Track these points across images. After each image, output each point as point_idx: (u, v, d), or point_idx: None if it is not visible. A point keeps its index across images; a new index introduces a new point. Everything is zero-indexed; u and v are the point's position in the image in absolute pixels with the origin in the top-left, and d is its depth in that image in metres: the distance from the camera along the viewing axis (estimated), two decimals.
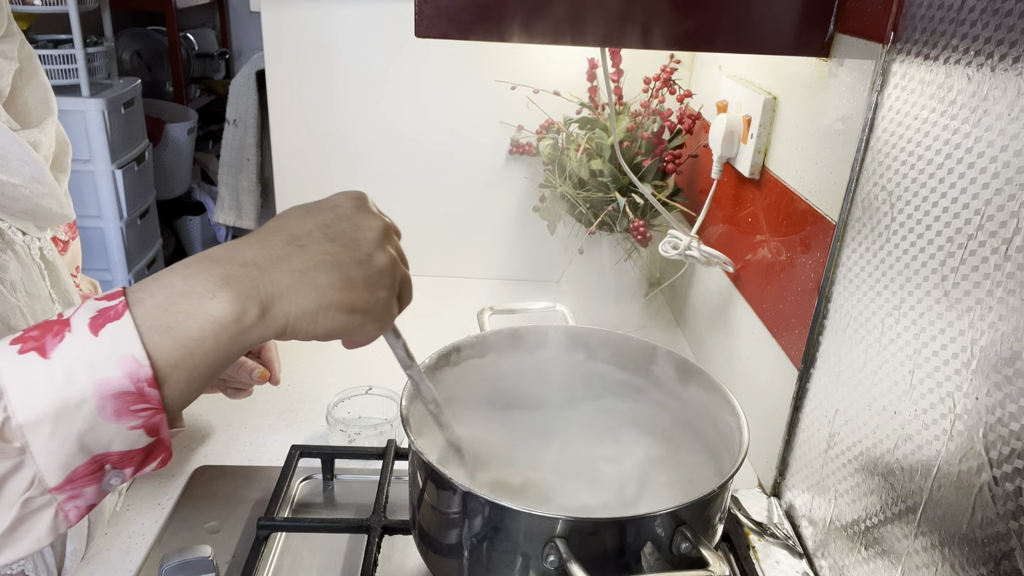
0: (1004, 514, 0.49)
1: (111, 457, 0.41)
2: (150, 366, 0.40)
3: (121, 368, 0.40)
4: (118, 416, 0.40)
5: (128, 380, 0.40)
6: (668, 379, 0.76)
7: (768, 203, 0.91)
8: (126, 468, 0.42)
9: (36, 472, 0.39)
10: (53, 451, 0.39)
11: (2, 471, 0.39)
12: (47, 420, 0.39)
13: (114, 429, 0.40)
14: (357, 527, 0.76)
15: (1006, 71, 0.51)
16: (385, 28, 1.29)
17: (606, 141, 1.17)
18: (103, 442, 0.40)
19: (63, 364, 0.39)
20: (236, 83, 2.32)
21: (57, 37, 2.61)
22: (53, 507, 0.41)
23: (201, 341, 0.42)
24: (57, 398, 0.39)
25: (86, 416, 0.39)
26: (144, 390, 0.40)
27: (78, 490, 0.41)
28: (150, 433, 0.42)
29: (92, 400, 0.39)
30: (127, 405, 0.40)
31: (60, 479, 0.40)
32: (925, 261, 0.59)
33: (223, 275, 0.43)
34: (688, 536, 0.57)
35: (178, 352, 0.41)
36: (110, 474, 0.42)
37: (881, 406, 0.65)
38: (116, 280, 2.79)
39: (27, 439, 0.39)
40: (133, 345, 0.40)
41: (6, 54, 0.63)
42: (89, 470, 0.41)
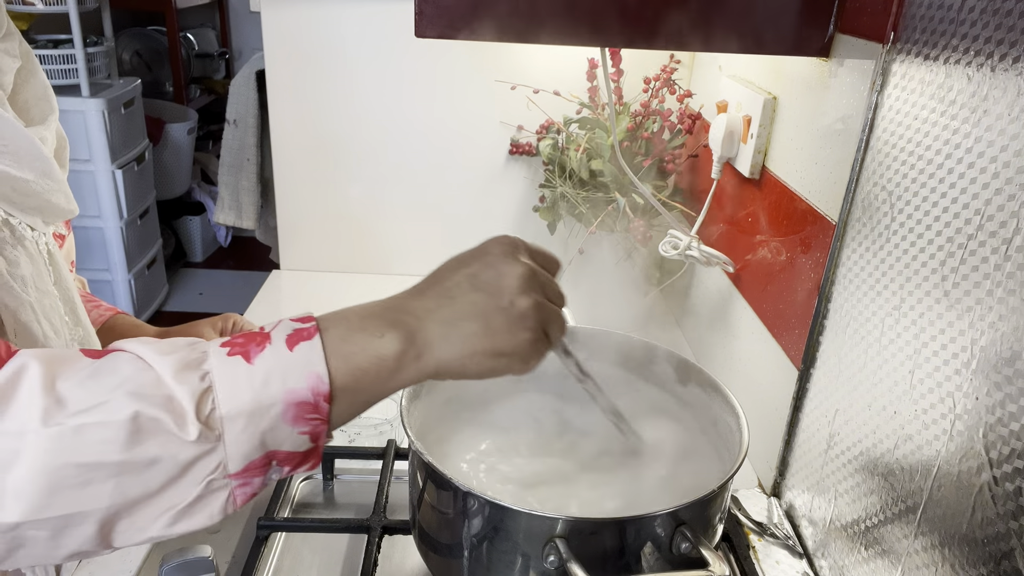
0: (1004, 514, 0.49)
1: (279, 455, 0.48)
2: (329, 384, 0.47)
3: (307, 381, 0.47)
4: (295, 421, 0.47)
5: (310, 393, 0.47)
6: (668, 379, 0.76)
7: (768, 203, 0.91)
8: (286, 466, 0.49)
9: (223, 458, 0.46)
10: (242, 442, 0.46)
11: (198, 452, 0.45)
12: (243, 415, 0.45)
13: (289, 431, 0.47)
14: (357, 527, 0.76)
15: (1006, 71, 0.51)
16: (385, 28, 1.29)
17: (606, 141, 1.17)
18: (278, 441, 0.47)
19: (263, 371, 0.46)
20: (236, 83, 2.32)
21: (57, 37, 2.61)
22: (228, 490, 0.47)
23: (367, 371, 0.49)
24: (254, 398, 0.46)
25: (272, 417, 0.46)
26: (320, 403, 0.47)
27: (249, 479, 0.47)
28: (313, 440, 0.49)
29: (280, 404, 0.46)
30: (304, 413, 0.47)
31: (239, 467, 0.46)
32: (925, 261, 0.59)
33: (392, 320, 0.50)
34: (688, 536, 0.57)
35: (348, 377, 0.48)
36: (274, 469, 0.49)
37: (881, 406, 0.65)
38: (116, 280, 2.79)
39: (224, 429, 0.45)
40: (319, 364, 0.47)
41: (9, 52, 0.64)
42: (262, 463, 0.47)
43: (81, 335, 0.69)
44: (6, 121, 0.59)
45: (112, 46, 2.81)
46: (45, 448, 0.42)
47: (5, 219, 0.60)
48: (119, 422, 0.43)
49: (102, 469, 0.43)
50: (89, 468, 0.43)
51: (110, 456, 0.43)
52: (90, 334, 0.71)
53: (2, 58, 0.63)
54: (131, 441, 0.43)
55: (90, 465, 0.43)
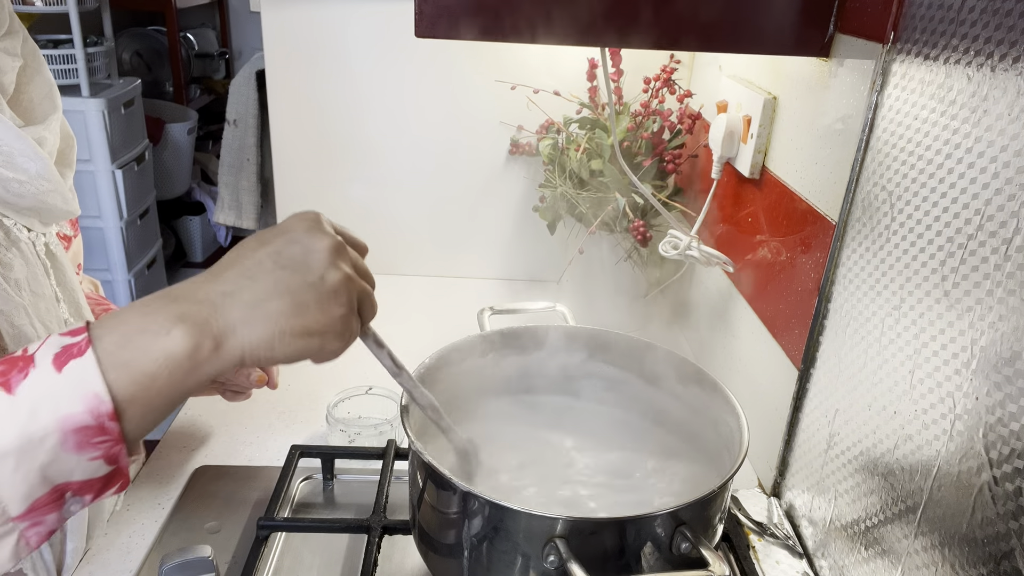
0: (1004, 514, 0.49)
1: (72, 486, 0.43)
2: (111, 401, 0.42)
3: (83, 404, 0.42)
4: (79, 448, 0.42)
5: (90, 415, 0.42)
6: (668, 379, 0.76)
7: (768, 203, 0.91)
8: (86, 495, 0.44)
9: (0, 504, 0.41)
10: (17, 483, 0.41)
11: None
12: (11, 454, 0.40)
13: (75, 460, 0.42)
14: (357, 527, 0.76)
15: (1006, 71, 0.51)
16: (385, 28, 1.29)
17: (606, 141, 1.17)
18: (64, 472, 0.42)
19: (28, 401, 0.41)
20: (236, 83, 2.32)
21: (57, 37, 2.61)
22: (16, 534, 0.42)
23: (156, 376, 0.43)
24: (21, 433, 0.40)
25: (49, 450, 0.41)
26: (105, 424, 0.42)
27: (39, 518, 0.43)
28: (109, 462, 0.44)
29: (55, 435, 0.41)
30: (88, 438, 0.42)
31: (23, 508, 0.42)
32: (925, 261, 0.59)
33: (178, 313, 0.44)
34: (688, 536, 0.57)
35: (134, 387, 0.43)
36: (70, 501, 0.44)
37: (881, 406, 0.65)
38: (116, 280, 2.79)
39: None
40: (95, 381, 0.42)
41: (9, 51, 0.64)
42: (50, 499, 0.43)
43: None
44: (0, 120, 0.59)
45: (112, 46, 2.81)
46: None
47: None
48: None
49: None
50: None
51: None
52: None
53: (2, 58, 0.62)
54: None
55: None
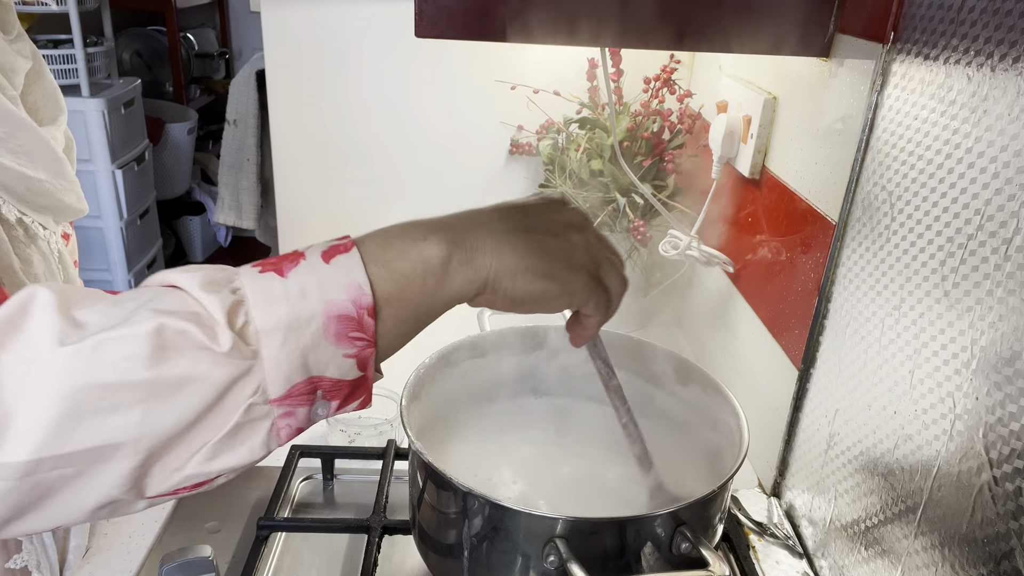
0: (1004, 514, 0.49)
1: (324, 383, 0.44)
2: (371, 294, 0.44)
3: (347, 293, 0.43)
4: (338, 340, 0.43)
5: (352, 305, 0.43)
6: (668, 379, 0.76)
7: (768, 203, 0.91)
8: (333, 400, 0.45)
9: (262, 380, 0.41)
10: (281, 361, 0.41)
11: (234, 372, 0.40)
12: (280, 329, 0.41)
13: (332, 352, 0.43)
14: (357, 527, 0.76)
15: (1006, 71, 0.51)
16: (385, 28, 1.29)
17: (606, 141, 1.17)
18: (321, 363, 0.43)
19: (298, 283, 0.42)
20: (236, 83, 2.32)
21: (57, 37, 2.61)
22: (270, 420, 0.42)
23: (411, 278, 0.45)
24: (291, 311, 0.42)
25: (313, 333, 0.42)
26: (363, 318, 0.43)
27: (293, 408, 0.43)
28: (360, 366, 0.44)
29: (320, 318, 0.42)
30: (347, 330, 0.43)
31: (282, 391, 0.42)
32: (925, 261, 0.59)
33: (435, 224, 0.47)
34: (688, 536, 0.57)
35: (392, 285, 0.44)
36: (319, 402, 0.44)
37: (881, 406, 0.65)
38: (116, 280, 2.79)
39: (261, 344, 0.41)
40: (358, 274, 0.43)
41: (22, 53, 0.65)
42: (306, 389, 0.43)
43: None
44: (21, 120, 0.60)
45: (112, 46, 2.81)
46: (61, 369, 0.37)
47: (19, 218, 0.61)
48: (142, 335, 0.39)
49: (128, 391, 0.38)
50: (112, 389, 0.38)
51: (135, 374, 0.38)
52: None
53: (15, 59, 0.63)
54: (157, 356, 0.39)
55: (113, 386, 0.38)
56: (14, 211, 0.60)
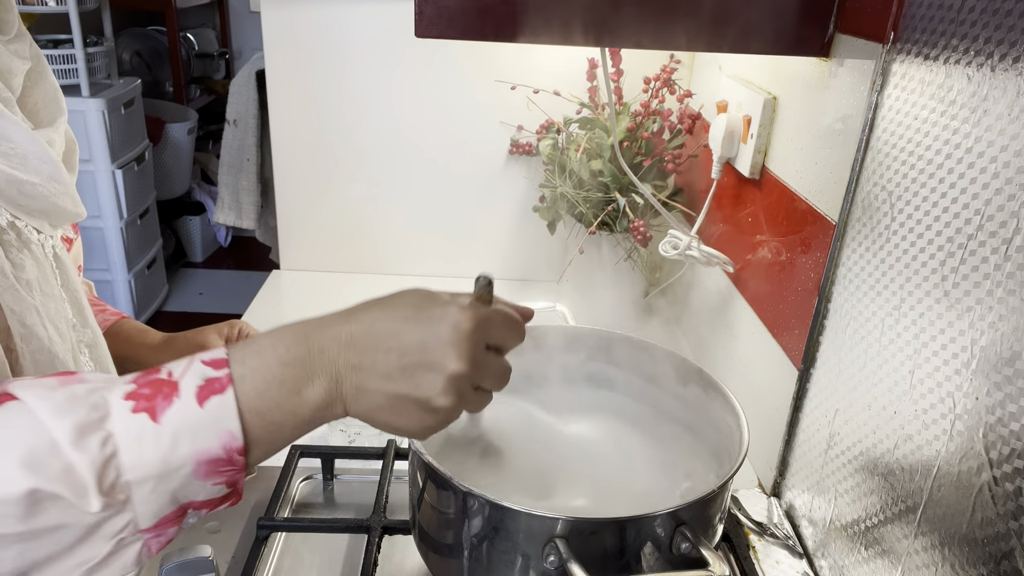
0: (1004, 514, 0.49)
1: (194, 504, 0.48)
2: (243, 440, 0.47)
3: (219, 440, 0.46)
4: (207, 476, 0.46)
5: (223, 450, 0.46)
6: (668, 379, 0.76)
7: (768, 203, 0.91)
8: (204, 509, 0.49)
9: (133, 517, 0.45)
10: (150, 503, 0.45)
11: (104, 517, 0.44)
12: (151, 479, 0.44)
13: (202, 485, 0.47)
14: (357, 527, 0.76)
15: (1006, 71, 0.51)
16: (385, 28, 1.29)
17: (606, 141, 1.17)
18: (190, 494, 0.47)
19: (170, 430, 0.45)
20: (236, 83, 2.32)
21: (57, 37, 2.61)
22: (140, 543, 0.46)
23: (283, 426, 0.49)
24: (162, 461, 0.44)
25: (182, 477, 0.45)
26: (233, 457, 0.47)
27: (163, 530, 0.47)
28: (229, 485, 0.48)
29: (190, 465, 0.45)
30: (217, 468, 0.46)
31: (151, 523, 0.46)
32: (925, 261, 0.59)
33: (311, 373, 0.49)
34: (688, 536, 0.57)
35: (264, 432, 0.48)
36: (190, 515, 0.48)
37: (881, 406, 0.65)
38: (116, 280, 2.79)
39: (131, 493, 0.44)
40: (232, 422, 0.46)
41: (20, 54, 0.64)
42: (175, 515, 0.47)
43: (90, 337, 0.69)
44: (13, 123, 0.59)
45: (112, 46, 2.81)
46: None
47: (11, 222, 0.60)
48: (15, 499, 0.42)
49: (4, 540, 0.42)
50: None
51: (10, 528, 0.42)
52: (98, 336, 0.71)
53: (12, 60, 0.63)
54: (30, 514, 0.42)
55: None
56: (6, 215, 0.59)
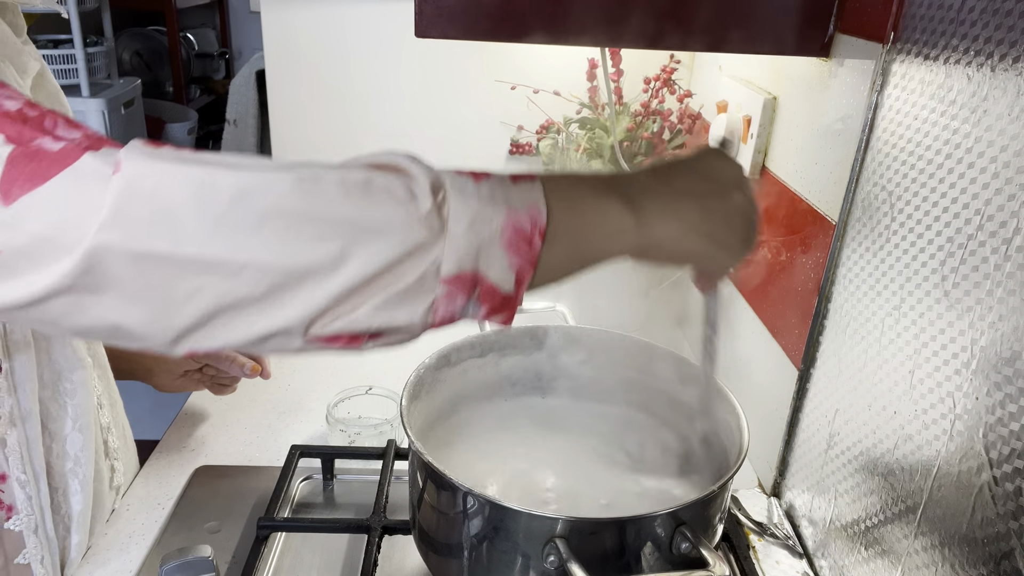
0: (1004, 514, 0.49)
1: (484, 283, 0.46)
2: (546, 218, 0.46)
3: (527, 210, 0.46)
4: (508, 247, 0.45)
5: (529, 220, 0.46)
6: (668, 379, 0.76)
7: (768, 203, 0.91)
8: (484, 304, 0.47)
9: (440, 254, 0.44)
10: (460, 245, 0.44)
11: (422, 238, 0.43)
12: (467, 217, 0.44)
13: (500, 256, 0.45)
14: (357, 527, 0.76)
15: (1006, 71, 0.51)
16: (385, 28, 1.29)
17: (606, 141, 1.17)
18: (489, 262, 0.45)
19: (488, 187, 0.45)
20: (236, 83, 2.32)
21: (57, 37, 2.61)
22: (433, 295, 0.45)
23: (588, 224, 0.48)
24: (479, 207, 0.44)
25: (492, 231, 0.45)
26: (534, 238, 0.46)
27: (454, 293, 0.45)
28: (516, 282, 0.47)
29: (501, 219, 0.45)
30: (519, 240, 0.46)
31: (452, 272, 0.44)
32: (925, 261, 0.59)
33: (614, 182, 0.50)
34: (688, 536, 0.57)
35: (569, 218, 0.47)
36: (473, 302, 0.46)
37: (881, 406, 0.65)
38: None
39: (450, 223, 0.44)
40: (539, 197, 0.46)
41: (32, 54, 0.65)
42: (469, 280, 0.45)
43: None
44: None
45: (112, 46, 2.81)
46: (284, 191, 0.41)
47: None
48: (354, 178, 0.43)
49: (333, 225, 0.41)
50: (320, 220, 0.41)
51: (343, 210, 0.42)
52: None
53: (27, 60, 0.63)
54: (364, 195, 0.42)
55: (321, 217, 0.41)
56: None
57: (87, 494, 0.71)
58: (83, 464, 0.70)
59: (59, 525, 0.70)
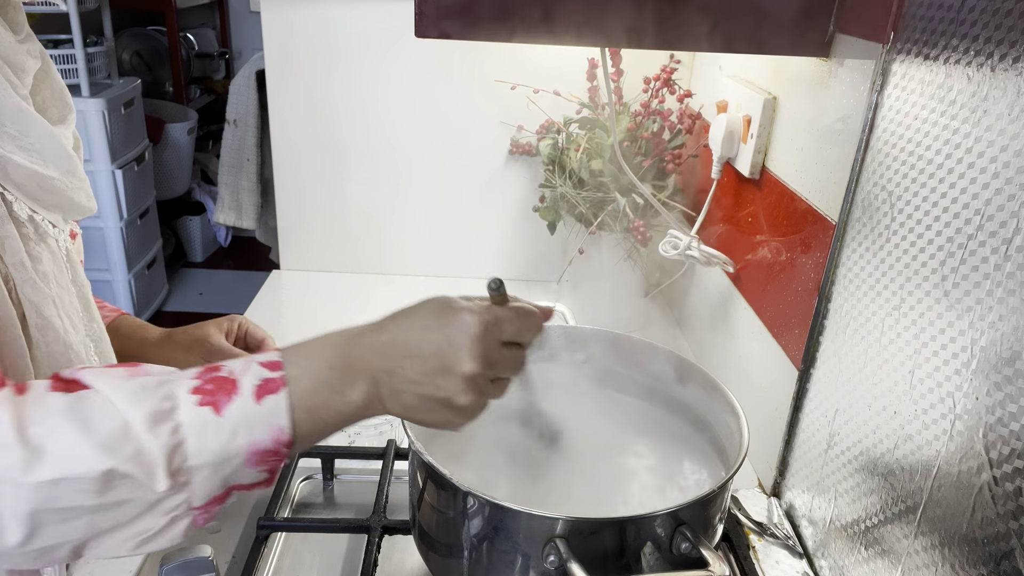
0: (1004, 514, 0.49)
1: (240, 487, 0.53)
2: (291, 435, 0.52)
3: (271, 435, 0.51)
4: (256, 464, 0.52)
5: (272, 443, 0.51)
6: (668, 379, 0.76)
7: (768, 203, 0.91)
8: (244, 492, 0.54)
9: (189, 497, 0.50)
10: (206, 486, 0.51)
11: (166, 495, 0.49)
12: (209, 465, 0.50)
13: (250, 472, 0.52)
14: (357, 527, 0.76)
15: (1006, 71, 0.51)
16: (385, 28, 1.29)
17: (606, 141, 1.17)
18: (239, 479, 0.52)
19: (231, 424, 0.50)
20: (236, 83, 2.32)
21: (57, 37, 2.61)
22: (190, 518, 0.51)
23: (327, 422, 0.54)
24: (222, 451, 0.50)
25: (235, 465, 0.51)
26: (280, 449, 0.52)
27: (210, 509, 0.52)
28: (271, 472, 0.54)
29: (243, 455, 0.51)
30: (265, 458, 0.52)
31: (203, 502, 0.51)
32: (925, 261, 0.59)
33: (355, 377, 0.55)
34: (688, 536, 0.57)
35: (311, 427, 0.53)
36: (233, 496, 0.54)
37: (881, 406, 0.65)
38: (116, 280, 2.79)
39: (192, 477, 0.50)
40: (283, 419, 0.52)
41: (31, 52, 0.65)
42: (223, 496, 0.52)
43: (96, 331, 0.70)
44: (33, 119, 0.60)
45: (112, 46, 2.81)
46: (27, 497, 0.46)
47: (31, 216, 0.61)
48: (93, 476, 0.47)
49: (78, 511, 0.48)
50: (67, 512, 0.48)
51: (86, 502, 0.48)
52: (103, 331, 0.72)
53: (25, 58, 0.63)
54: (104, 490, 0.48)
55: (68, 509, 0.48)
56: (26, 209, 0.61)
57: None
58: None
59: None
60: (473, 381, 0.55)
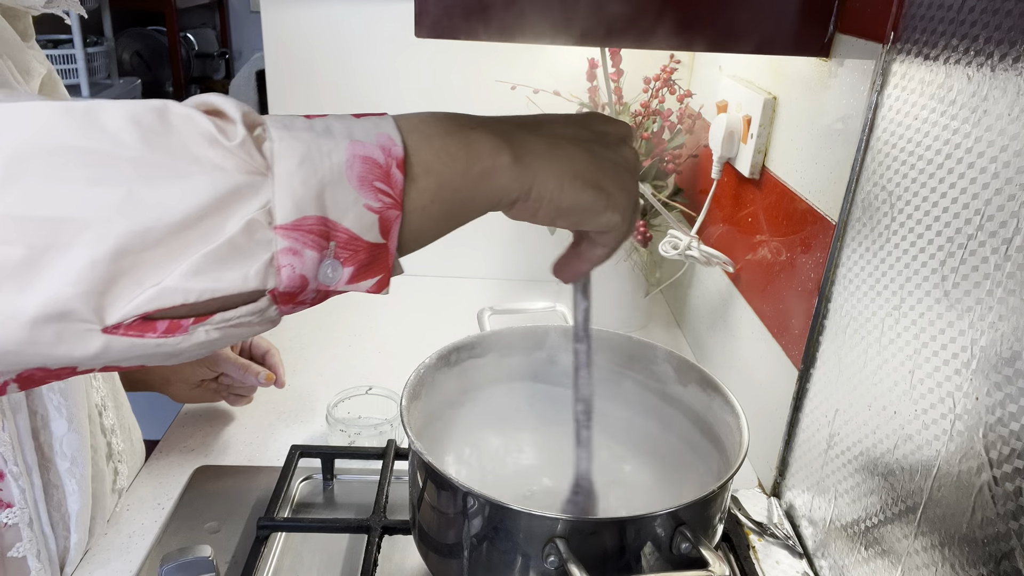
0: (1004, 514, 0.49)
1: (340, 232, 0.37)
2: (403, 148, 0.39)
3: (377, 140, 0.38)
4: (361, 184, 0.37)
5: (380, 151, 0.38)
6: (668, 379, 0.76)
7: (768, 203, 0.91)
8: (347, 264, 0.38)
9: (270, 198, 0.35)
10: (294, 184, 0.36)
11: (239, 180, 0.35)
12: (297, 152, 0.36)
13: (353, 196, 0.37)
14: (357, 527, 0.76)
15: (1006, 71, 0.51)
16: (385, 28, 1.29)
17: None
18: (339, 205, 0.37)
19: (323, 122, 0.38)
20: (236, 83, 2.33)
21: (57, 37, 2.61)
22: (271, 250, 0.36)
23: (455, 157, 0.40)
24: (312, 140, 0.37)
25: (334, 166, 0.37)
26: (392, 169, 0.38)
27: (300, 246, 0.36)
28: (382, 229, 0.38)
29: (343, 152, 0.37)
30: (372, 176, 0.38)
31: (290, 218, 0.35)
32: (925, 261, 0.59)
33: (484, 119, 0.43)
34: (688, 536, 0.57)
35: (431, 155, 0.40)
36: (330, 260, 0.37)
37: (881, 406, 0.65)
38: None
39: (275, 160, 0.36)
40: (390, 129, 0.39)
41: (38, 58, 0.66)
42: (318, 228, 0.36)
43: None
44: None
45: (112, 46, 2.82)
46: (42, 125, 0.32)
47: None
48: (142, 110, 0.34)
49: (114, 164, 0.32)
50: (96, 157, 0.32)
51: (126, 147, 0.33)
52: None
53: (31, 61, 0.64)
54: (156, 133, 0.33)
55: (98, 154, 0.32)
56: None
57: (85, 494, 0.71)
58: (80, 464, 0.70)
59: (58, 523, 0.70)
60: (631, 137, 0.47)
